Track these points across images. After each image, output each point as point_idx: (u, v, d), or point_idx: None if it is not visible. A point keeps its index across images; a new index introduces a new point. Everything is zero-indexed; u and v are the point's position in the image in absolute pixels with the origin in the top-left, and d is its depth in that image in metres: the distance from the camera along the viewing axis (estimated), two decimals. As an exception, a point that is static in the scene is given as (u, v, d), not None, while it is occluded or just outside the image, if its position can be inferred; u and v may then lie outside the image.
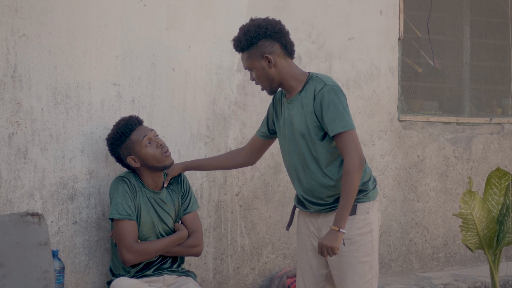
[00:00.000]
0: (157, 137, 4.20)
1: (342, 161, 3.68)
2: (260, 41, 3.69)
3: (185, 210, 4.34)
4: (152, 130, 4.20)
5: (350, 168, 3.56)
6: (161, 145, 4.16)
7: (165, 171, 4.27)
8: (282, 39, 3.72)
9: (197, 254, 4.34)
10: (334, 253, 3.56)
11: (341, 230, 3.54)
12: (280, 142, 3.88)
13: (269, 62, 3.69)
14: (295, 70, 3.76)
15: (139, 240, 4.14)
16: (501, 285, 5.46)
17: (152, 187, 4.24)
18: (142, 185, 4.21)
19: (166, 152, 4.17)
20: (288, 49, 3.74)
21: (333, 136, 3.61)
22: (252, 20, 3.76)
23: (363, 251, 3.71)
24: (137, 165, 4.17)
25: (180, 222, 4.36)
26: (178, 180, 4.36)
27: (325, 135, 3.66)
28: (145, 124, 4.33)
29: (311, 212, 3.81)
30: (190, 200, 4.36)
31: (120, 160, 4.23)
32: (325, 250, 3.56)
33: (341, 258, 3.70)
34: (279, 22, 3.75)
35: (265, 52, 3.69)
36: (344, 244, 3.61)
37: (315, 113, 3.65)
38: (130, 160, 4.17)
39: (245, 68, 3.79)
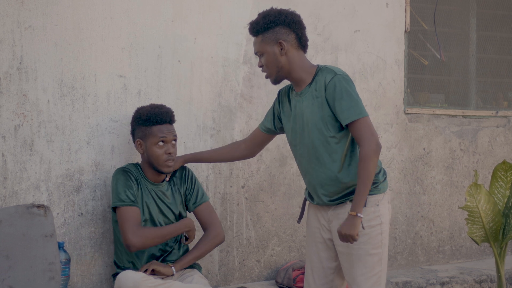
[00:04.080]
0: (173, 143, 4.20)
1: (353, 155, 3.69)
2: (278, 27, 3.71)
3: (194, 203, 4.34)
4: (174, 135, 4.20)
5: (367, 153, 3.54)
6: (170, 153, 4.17)
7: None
8: (298, 31, 3.74)
9: (221, 241, 4.35)
10: (354, 239, 3.56)
11: (358, 215, 3.54)
12: (291, 136, 3.86)
13: (281, 49, 3.71)
14: (305, 62, 3.77)
15: None
16: (506, 278, 5.46)
17: (153, 180, 4.24)
18: (143, 177, 4.22)
19: (169, 161, 4.17)
20: (302, 42, 3.76)
21: (347, 125, 3.61)
22: (272, 8, 3.80)
23: (373, 244, 3.71)
24: (141, 151, 4.20)
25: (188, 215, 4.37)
26: (182, 174, 4.36)
27: (340, 126, 3.66)
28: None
29: (322, 205, 3.81)
30: (197, 194, 4.35)
31: (132, 134, 4.28)
32: (345, 238, 3.57)
33: (351, 250, 3.70)
34: (299, 16, 3.78)
35: (280, 38, 3.71)
36: (363, 228, 3.60)
37: (328, 104, 3.65)
38: (138, 143, 4.19)
39: (256, 53, 3.79)
